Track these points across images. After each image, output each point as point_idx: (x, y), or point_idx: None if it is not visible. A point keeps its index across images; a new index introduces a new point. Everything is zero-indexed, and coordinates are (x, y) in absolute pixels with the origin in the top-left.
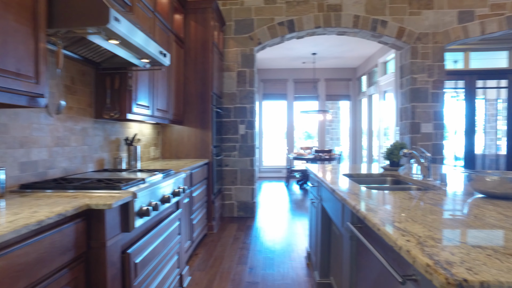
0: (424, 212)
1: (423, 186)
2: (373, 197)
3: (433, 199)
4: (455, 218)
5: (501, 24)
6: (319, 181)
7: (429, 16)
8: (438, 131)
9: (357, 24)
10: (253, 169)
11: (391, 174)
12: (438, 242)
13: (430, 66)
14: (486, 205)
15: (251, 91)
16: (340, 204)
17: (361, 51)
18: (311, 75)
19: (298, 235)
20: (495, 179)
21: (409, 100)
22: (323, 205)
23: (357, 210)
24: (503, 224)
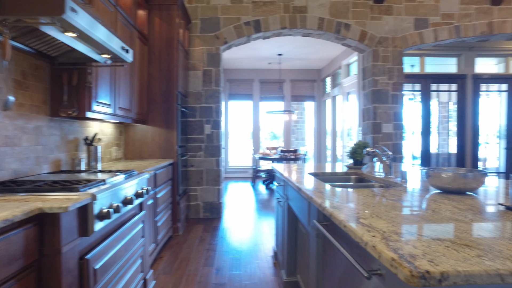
0: (387, 208)
1: (385, 183)
2: (338, 195)
3: (395, 195)
4: (416, 213)
5: (451, 33)
6: (285, 180)
7: (389, 22)
8: (398, 131)
9: (322, 26)
10: (219, 169)
11: (355, 173)
12: (401, 236)
13: (390, 69)
14: (442, 200)
15: (217, 90)
16: (306, 202)
17: (326, 53)
18: (277, 76)
19: (264, 235)
20: (450, 175)
21: (371, 101)
22: (290, 204)
23: (323, 207)
24: (457, 217)
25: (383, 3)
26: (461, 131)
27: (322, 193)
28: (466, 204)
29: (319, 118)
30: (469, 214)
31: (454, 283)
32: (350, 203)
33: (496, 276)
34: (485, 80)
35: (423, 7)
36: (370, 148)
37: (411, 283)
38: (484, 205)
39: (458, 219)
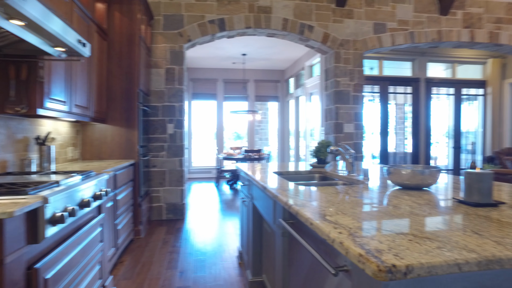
0: (352, 205)
1: (348, 181)
2: (303, 193)
3: (358, 192)
4: (379, 209)
5: (406, 38)
6: (250, 180)
7: (350, 25)
8: (358, 131)
9: (286, 27)
10: (182, 169)
11: (319, 171)
12: (367, 232)
13: (351, 70)
14: (402, 196)
15: (180, 89)
16: (271, 201)
17: (289, 54)
18: (241, 76)
19: (229, 235)
20: (409, 172)
21: (333, 102)
22: (254, 203)
23: (289, 206)
24: (417, 211)
25: (345, 7)
26: (415, 131)
27: (287, 191)
28: (424, 199)
29: (283, 119)
30: (427, 208)
31: (418, 275)
32: (315, 201)
33: (454, 265)
34: (436, 84)
35: (381, 12)
36: (333, 147)
37: (379, 277)
38: (440, 200)
39: (418, 213)
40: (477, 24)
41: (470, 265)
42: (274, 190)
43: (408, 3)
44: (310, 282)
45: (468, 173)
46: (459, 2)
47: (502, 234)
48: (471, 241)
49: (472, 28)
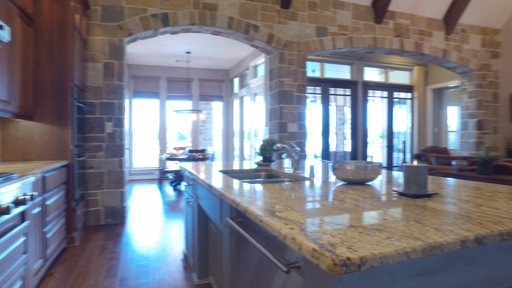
0: (301, 201)
1: (294, 178)
2: (251, 191)
3: (305, 188)
4: (327, 203)
5: (346, 42)
6: (195, 179)
7: (294, 27)
8: (302, 130)
9: (231, 26)
10: (122, 170)
11: (265, 169)
12: (318, 227)
13: (295, 71)
14: (348, 190)
15: (120, 85)
16: (218, 200)
17: (234, 54)
18: (185, 74)
19: (173, 238)
20: (353, 167)
21: (277, 102)
22: (200, 203)
23: (237, 203)
24: (363, 204)
25: (289, 9)
26: (354, 131)
27: (234, 189)
28: (367, 192)
29: (227, 118)
30: (372, 201)
31: (371, 266)
32: (263, 198)
33: (403, 254)
34: (371, 87)
35: (323, 17)
36: (280, 144)
37: (334, 271)
38: (382, 193)
39: (364, 206)
40: (405, 34)
41: (416, 253)
42: (220, 188)
43: (347, 10)
44: (260, 281)
45: (407, 167)
46: (390, 13)
47: (439, 221)
48: (415, 229)
49: (401, 37)
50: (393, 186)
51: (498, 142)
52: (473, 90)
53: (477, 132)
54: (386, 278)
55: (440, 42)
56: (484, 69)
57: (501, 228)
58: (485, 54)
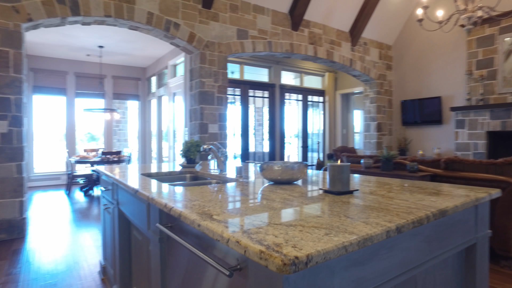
0: (235, 203)
1: (222, 179)
2: (182, 194)
3: (236, 190)
4: (261, 204)
5: (265, 46)
6: (116, 184)
7: (216, 28)
8: (222, 131)
9: (151, 22)
10: (21, 176)
11: (190, 171)
12: (259, 228)
13: (216, 72)
14: (277, 190)
15: (18, 78)
16: (144, 205)
17: (152, 51)
18: (97, 70)
19: (87, 248)
20: (280, 168)
21: (198, 102)
22: (121, 209)
23: (169, 208)
24: (296, 203)
25: (211, 9)
26: (272, 132)
27: (163, 193)
28: (296, 192)
29: (144, 119)
30: (303, 199)
31: (316, 262)
32: (196, 201)
33: (342, 248)
34: (288, 90)
35: (244, 20)
36: (206, 145)
37: (284, 271)
38: (310, 191)
39: (297, 205)
40: (319, 42)
41: (353, 246)
42: (148, 192)
43: (267, 15)
44: (194, 285)
45: (332, 166)
46: (306, 22)
47: (365, 215)
48: (347, 224)
49: (315, 45)
50: (317, 185)
51: (392, 142)
52: (374, 97)
53: (377, 134)
54: (326, 272)
55: (347, 52)
56: (381, 78)
57: (413, 217)
58: (382, 65)
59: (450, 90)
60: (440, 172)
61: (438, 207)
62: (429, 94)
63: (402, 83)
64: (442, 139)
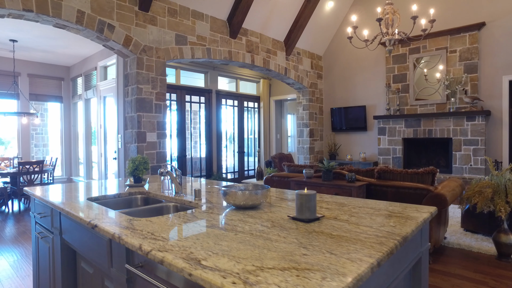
0: (213, 239)
1: (179, 203)
2: (148, 228)
3: (203, 218)
4: (241, 238)
5: (204, 53)
6: (57, 211)
7: (153, 32)
8: (162, 140)
9: (81, 21)
10: None
11: (140, 192)
12: (256, 276)
13: (154, 78)
14: (246, 218)
15: None
16: (104, 241)
17: (78, 50)
18: (8, 67)
19: (6, 280)
20: (245, 194)
21: (135, 110)
22: (65, 239)
23: (146, 252)
24: (272, 235)
25: (148, 12)
26: (208, 138)
27: (129, 228)
28: (266, 220)
29: (69, 122)
30: (278, 231)
31: None
32: (171, 239)
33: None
34: (224, 96)
35: (182, 25)
36: (163, 169)
37: None
38: (280, 220)
39: (276, 239)
40: (256, 51)
41: None
42: (112, 229)
43: (206, 22)
44: None
45: (300, 195)
46: (244, 30)
47: (345, 250)
48: (335, 263)
49: (252, 53)
50: (280, 210)
51: (323, 147)
52: (306, 104)
53: (310, 139)
54: None
55: (282, 61)
56: (313, 87)
57: (386, 249)
58: (314, 74)
59: (373, 100)
60: (374, 182)
61: (401, 234)
62: (355, 103)
63: (331, 91)
64: (367, 144)
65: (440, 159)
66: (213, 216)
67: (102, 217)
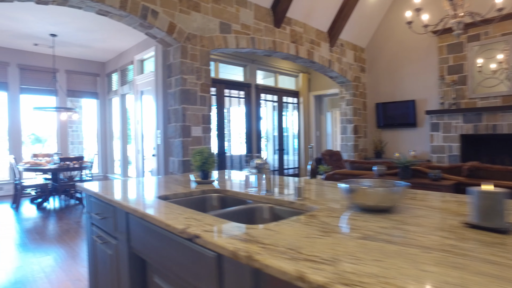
0: (403, 260)
1: (275, 203)
2: (279, 240)
3: (341, 225)
4: (440, 256)
5: (248, 42)
6: (123, 211)
7: (197, 19)
8: (207, 134)
9: (125, 6)
10: None
11: (213, 190)
12: None
13: (198, 68)
14: (401, 226)
15: None
16: (209, 259)
17: (115, 44)
18: (47, 63)
19: (59, 284)
20: (381, 191)
21: (179, 102)
22: (133, 246)
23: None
24: (469, 252)
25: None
26: (248, 134)
27: (251, 241)
28: (432, 227)
29: (104, 119)
30: (469, 244)
31: None
32: (340, 262)
33: None
34: (263, 91)
35: (226, 12)
36: (259, 160)
37: None
38: (448, 227)
39: (470, 258)
40: (300, 41)
41: None
42: (228, 242)
43: (250, 9)
44: None
45: (486, 194)
46: (287, 19)
47: None
48: None
49: (297, 44)
50: (432, 212)
51: (368, 144)
52: (350, 99)
53: (354, 136)
54: None
55: (326, 53)
56: (356, 80)
57: None
58: (357, 68)
59: (423, 94)
60: (463, 180)
61: None
62: (403, 97)
63: (375, 86)
64: (417, 142)
65: (504, 157)
66: (349, 221)
67: (196, 223)
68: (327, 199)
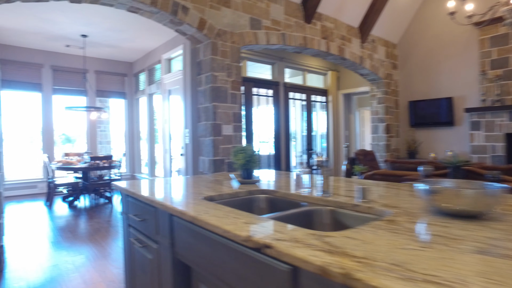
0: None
1: (335, 206)
2: (368, 252)
3: (433, 234)
4: None
5: (279, 39)
6: (166, 212)
7: (227, 15)
8: (238, 133)
9: (156, 2)
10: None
11: (260, 190)
12: None
13: (229, 65)
14: (503, 234)
15: None
16: (280, 273)
17: (142, 43)
18: (78, 64)
19: (95, 285)
20: (474, 194)
21: (210, 99)
22: (178, 252)
23: None
24: None
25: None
26: (277, 134)
27: (336, 253)
28: None
29: (132, 119)
30: None
31: None
32: (469, 284)
33: None
34: (291, 89)
35: (257, 8)
36: (320, 157)
37: None
38: None
39: None
40: (330, 37)
41: None
42: (311, 255)
43: (280, 4)
44: None
45: None
46: (318, 14)
47: None
48: None
49: (327, 40)
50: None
51: (400, 144)
52: (381, 97)
53: (386, 136)
54: None
55: (357, 49)
56: (388, 78)
57: None
58: (388, 64)
59: (461, 90)
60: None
61: None
62: (439, 94)
63: (408, 83)
64: (454, 141)
65: None
66: (441, 229)
67: (260, 229)
68: (396, 201)
